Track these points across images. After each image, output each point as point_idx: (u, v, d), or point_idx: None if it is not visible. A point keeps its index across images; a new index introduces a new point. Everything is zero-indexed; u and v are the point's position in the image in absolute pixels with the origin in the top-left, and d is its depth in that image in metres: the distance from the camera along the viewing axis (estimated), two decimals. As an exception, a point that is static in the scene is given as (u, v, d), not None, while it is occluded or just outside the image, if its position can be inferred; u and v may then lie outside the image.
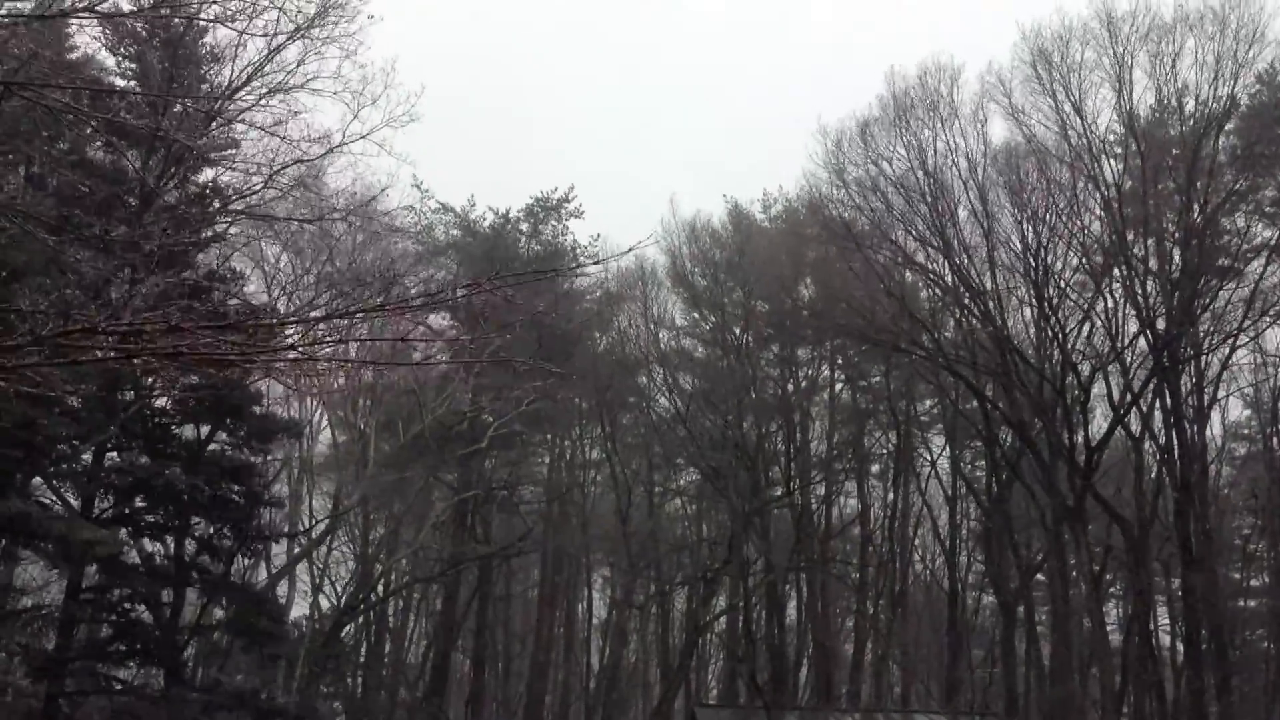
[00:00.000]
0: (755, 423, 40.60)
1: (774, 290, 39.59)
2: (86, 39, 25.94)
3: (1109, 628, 38.55)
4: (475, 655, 42.05)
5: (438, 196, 37.80)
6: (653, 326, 40.90)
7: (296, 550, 34.85)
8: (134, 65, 26.70)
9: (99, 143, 26.09)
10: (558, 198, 38.56)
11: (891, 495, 43.25)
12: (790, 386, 42.49)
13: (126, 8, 16.29)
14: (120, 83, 27.44)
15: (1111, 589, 42.27)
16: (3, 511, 20.35)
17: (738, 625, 41.93)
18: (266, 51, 22.67)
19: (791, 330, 40.61)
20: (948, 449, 41.33)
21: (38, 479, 25.45)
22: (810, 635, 42.31)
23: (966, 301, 33.39)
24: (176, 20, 19.07)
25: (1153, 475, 33.75)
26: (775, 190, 42.75)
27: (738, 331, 40.66)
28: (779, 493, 41.62)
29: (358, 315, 8.05)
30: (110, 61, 27.63)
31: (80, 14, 11.87)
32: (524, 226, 38.89)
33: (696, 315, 41.85)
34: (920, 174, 32.61)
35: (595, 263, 35.52)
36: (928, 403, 42.81)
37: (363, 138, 24.86)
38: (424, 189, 36.82)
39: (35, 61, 11.32)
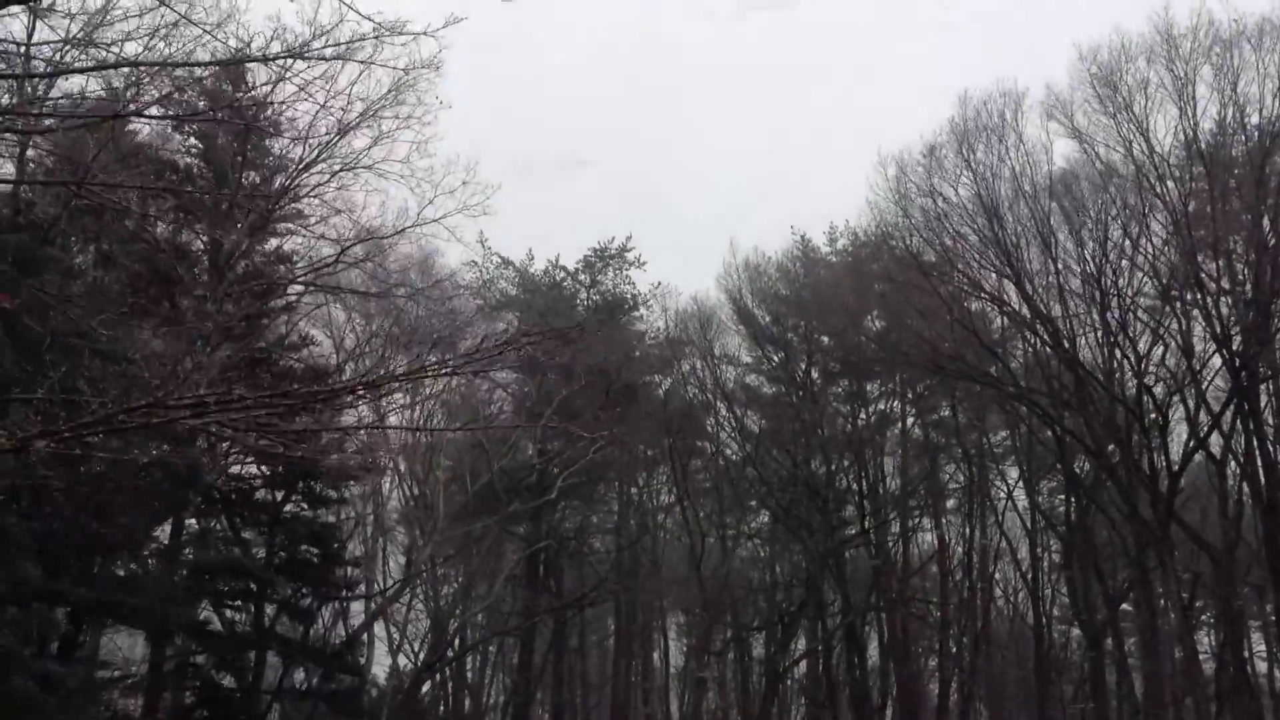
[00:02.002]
0: (825, 460, 40.22)
1: (840, 324, 39.37)
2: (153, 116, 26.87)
3: (1202, 656, 37.26)
4: (554, 708, 41.89)
5: (499, 250, 38.35)
6: (715, 367, 40.94)
7: (372, 609, 35.11)
8: (200, 144, 27.45)
9: (168, 220, 26.92)
10: (616, 247, 38.88)
11: (968, 530, 42.45)
12: (860, 422, 42.07)
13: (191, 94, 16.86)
14: (187, 156, 28.36)
15: (1202, 616, 40.94)
16: (89, 593, 20.74)
17: (818, 668, 41.30)
18: (336, 131, 23.28)
19: (859, 364, 40.27)
20: (1023, 480, 40.53)
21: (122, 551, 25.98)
22: (893, 676, 41.53)
23: (1037, 327, 32.93)
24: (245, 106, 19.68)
25: (1235, 497, 32.76)
26: (841, 224, 42.61)
27: (804, 367, 40.49)
28: (853, 531, 41.10)
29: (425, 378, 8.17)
30: (177, 137, 28.53)
31: (150, 117, 12.32)
32: (583, 278, 39.20)
33: (761, 353, 41.76)
34: (985, 199, 32.38)
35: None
36: (1001, 434, 42.07)
37: (435, 221, 25.59)
38: (486, 244, 37.43)
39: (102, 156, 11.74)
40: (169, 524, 27.19)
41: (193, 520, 28.07)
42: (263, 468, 28.65)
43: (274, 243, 29.00)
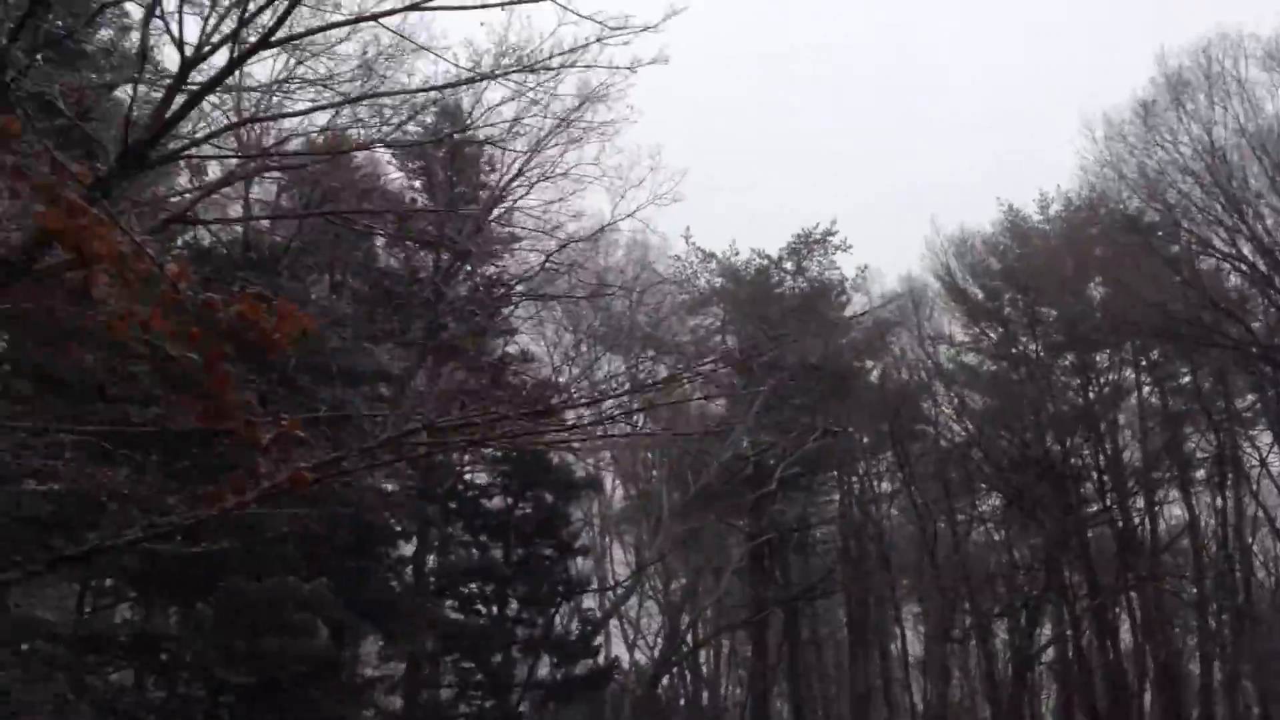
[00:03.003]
0: (1057, 437, 38.50)
1: (1060, 295, 37.68)
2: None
3: None
4: (793, 700, 41.75)
5: (701, 244, 38.63)
6: (932, 346, 39.94)
7: (606, 606, 36.06)
8: (419, 173, 29.02)
9: (394, 249, 28.64)
10: (820, 232, 38.43)
11: (1220, 500, 39.68)
12: (1091, 395, 40.02)
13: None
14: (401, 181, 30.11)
15: None
16: (356, 600, 22.31)
17: (1067, 653, 39.53)
18: (535, 145, 24.18)
19: (1085, 335, 38.35)
20: (1277, 444, 37.59)
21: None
22: (1149, 657, 39.25)
23: (1277, 282, 30.64)
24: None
25: None
26: (1052, 190, 40.76)
27: (1025, 341, 38.95)
28: (1095, 509, 39.16)
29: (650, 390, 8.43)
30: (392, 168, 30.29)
31: (384, 145, 13.05)
32: (788, 265, 38.97)
33: (978, 330, 40.43)
34: (1208, 152, 30.39)
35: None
36: (1249, 398, 39.15)
37: (629, 216, 26.38)
38: (690, 239, 37.86)
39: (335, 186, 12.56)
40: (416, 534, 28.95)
41: (433, 528, 29.77)
42: (495, 475, 30.10)
43: (491, 267, 30.40)
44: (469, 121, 24.10)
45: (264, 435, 5.25)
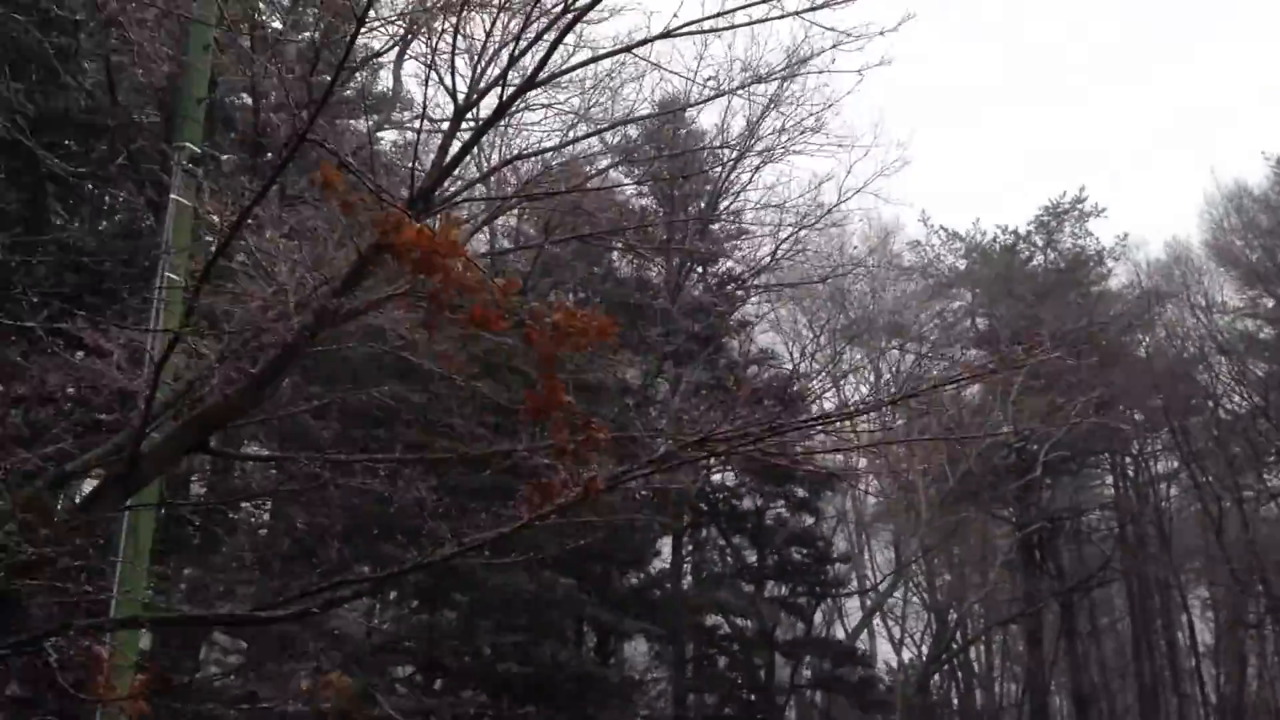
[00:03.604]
0: (1357, 402, 34.85)
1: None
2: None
3: None
4: (1074, 694, 39.62)
5: (943, 224, 37.21)
6: (1207, 315, 36.94)
7: (867, 605, 35.31)
8: (645, 178, 29.13)
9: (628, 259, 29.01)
10: (1070, 200, 36.23)
11: None
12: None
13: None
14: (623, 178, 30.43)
15: None
16: (617, 604, 22.71)
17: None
18: (750, 123, 23.75)
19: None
20: None
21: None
22: None
23: None
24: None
25: None
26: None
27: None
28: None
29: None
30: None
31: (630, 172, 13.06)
32: (1037, 239, 36.94)
33: (1257, 293, 37.14)
34: None
35: None
36: None
37: (857, 192, 25.42)
38: (929, 222, 36.60)
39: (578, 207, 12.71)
40: (669, 537, 29.18)
41: (688, 531, 29.92)
42: (745, 478, 29.94)
43: (723, 264, 30.31)
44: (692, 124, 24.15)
45: (575, 438, 5.44)
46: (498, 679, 19.95)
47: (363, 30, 11.09)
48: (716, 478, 30.52)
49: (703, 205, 27.63)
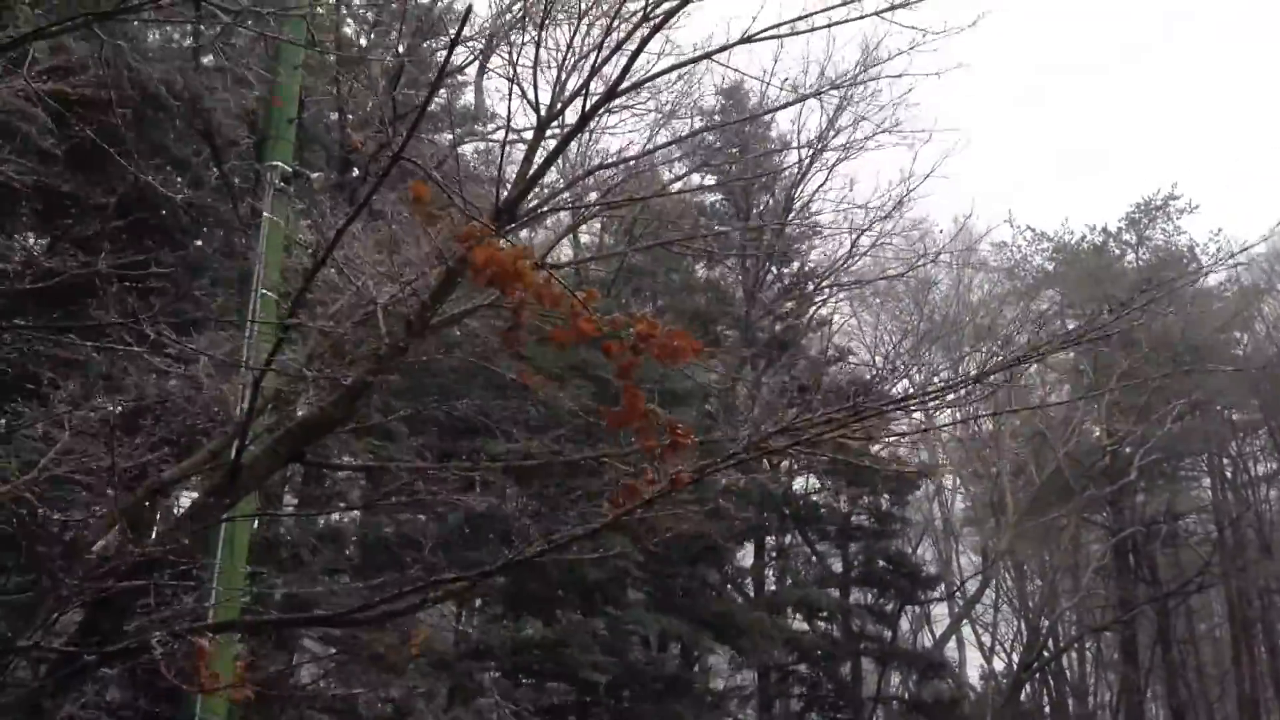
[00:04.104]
0: None
1: None
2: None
3: None
4: (1170, 705, 38.52)
5: (1030, 224, 36.60)
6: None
7: (955, 612, 34.75)
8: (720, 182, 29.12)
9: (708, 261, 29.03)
10: (1162, 197, 35.30)
11: None
12: None
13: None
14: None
15: None
16: (697, 612, 22.70)
17: None
18: (826, 123, 23.58)
19: None
20: None
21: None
22: None
23: None
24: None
25: None
26: None
27: None
28: None
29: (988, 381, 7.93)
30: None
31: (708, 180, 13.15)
32: (1127, 237, 36.04)
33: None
34: None
35: None
36: None
37: (926, 177, 25.19)
38: (1014, 222, 36.03)
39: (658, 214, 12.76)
40: (750, 543, 29.05)
41: (770, 538, 29.73)
42: (827, 480, 29.67)
43: (800, 265, 30.14)
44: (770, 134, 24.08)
45: (662, 441, 5.50)
46: (583, 684, 20.11)
47: (445, 46, 11.29)
48: (799, 483, 30.36)
49: (776, 205, 27.47)
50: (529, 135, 7.59)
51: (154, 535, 7.30)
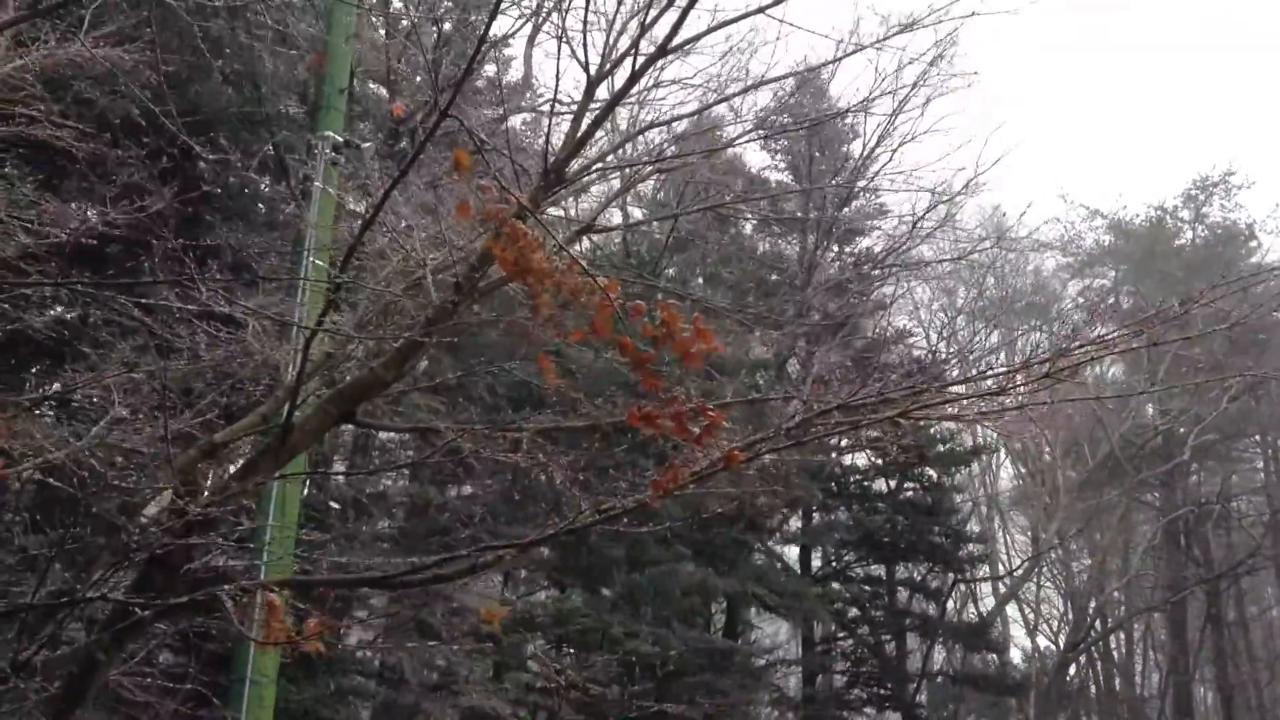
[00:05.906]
0: None
1: None
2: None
3: None
4: (1219, 687, 38.00)
5: (1084, 202, 35.93)
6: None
7: (1002, 590, 34.46)
8: (782, 152, 28.79)
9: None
10: (1220, 173, 34.57)
11: None
12: None
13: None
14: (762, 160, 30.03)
15: None
16: (736, 583, 22.67)
17: None
18: (892, 110, 23.21)
19: None
20: None
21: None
22: None
23: None
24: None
25: None
26: None
27: None
28: None
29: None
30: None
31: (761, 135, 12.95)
32: (1184, 214, 35.31)
33: None
34: None
35: None
36: None
37: (993, 164, 24.79)
38: (1068, 199, 35.40)
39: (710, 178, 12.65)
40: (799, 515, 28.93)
41: (817, 514, 29.57)
42: (874, 457, 29.41)
43: (862, 242, 29.79)
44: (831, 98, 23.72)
45: (695, 429, 5.36)
46: (626, 656, 20.18)
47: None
48: (847, 460, 30.10)
49: (839, 177, 27.10)
50: (579, 100, 7.53)
51: (205, 495, 7.40)
